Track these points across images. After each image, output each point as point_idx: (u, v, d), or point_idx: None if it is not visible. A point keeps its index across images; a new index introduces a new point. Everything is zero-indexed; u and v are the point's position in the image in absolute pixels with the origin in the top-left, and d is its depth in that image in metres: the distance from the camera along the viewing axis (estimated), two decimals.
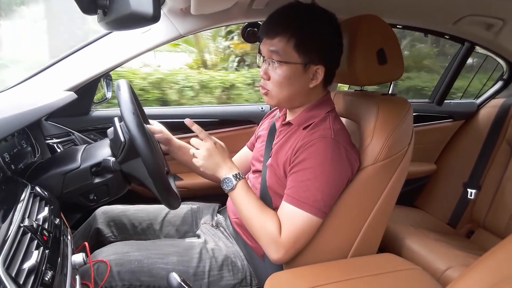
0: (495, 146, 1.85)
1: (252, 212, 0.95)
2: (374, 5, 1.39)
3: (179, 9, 1.26)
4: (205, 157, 0.98)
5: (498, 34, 1.57)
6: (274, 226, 0.92)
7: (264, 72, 0.99)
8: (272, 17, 0.98)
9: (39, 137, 1.30)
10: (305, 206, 0.90)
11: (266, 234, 0.92)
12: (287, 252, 0.92)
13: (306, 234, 0.93)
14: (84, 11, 0.66)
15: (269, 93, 1.00)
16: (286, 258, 0.94)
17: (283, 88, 0.97)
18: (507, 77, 1.98)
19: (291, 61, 0.94)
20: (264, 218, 0.94)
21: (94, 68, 1.34)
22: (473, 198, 1.83)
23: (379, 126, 1.02)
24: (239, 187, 0.97)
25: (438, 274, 1.32)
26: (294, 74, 0.96)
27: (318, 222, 0.93)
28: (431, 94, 2.15)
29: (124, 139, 0.98)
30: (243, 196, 0.97)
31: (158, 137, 1.21)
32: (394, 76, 1.13)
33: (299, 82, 0.97)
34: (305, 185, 0.91)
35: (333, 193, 0.94)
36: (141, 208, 1.27)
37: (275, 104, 1.05)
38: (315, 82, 0.98)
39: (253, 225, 0.95)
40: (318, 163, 0.91)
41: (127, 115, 0.91)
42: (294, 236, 0.91)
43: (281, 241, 0.91)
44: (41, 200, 0.86)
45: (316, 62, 0.96)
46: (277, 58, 0.95)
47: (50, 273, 0.67)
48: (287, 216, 0.92)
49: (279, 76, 0.96)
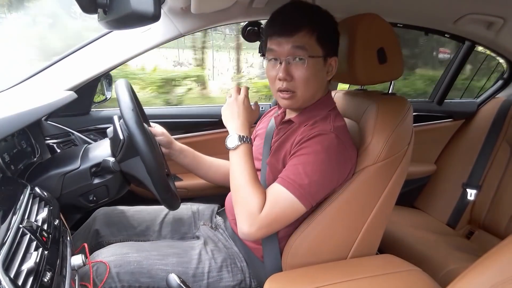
0: (495, 146, 1.85)
1: (243, 180, 0.91)
2: (374, 4, 1.39)
3: (179, 8, 1.26)
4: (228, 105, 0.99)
5: (499, 32, 1.57)
6: (257, 202, 0.88)
7: (287, 73, 0.94)
8: (286, 14, 0.95)
9: (39, 138, 1.30)
10: (291, 187, 0.88)
11: (246, 205, 0.89)
12: (259, 229, 0.88)
13: (286, 217, 0.90)
14: (85, 10, 0.66)
15: (293, 95, 0.97)
16: (257, 234, 0.89)
17: (310, 85, 0.96)
18: (507, 76, 1.97)
19: (316, 55, 0.94)
20: (251, 190, 0.90)
21: (94, 68, 1.34)
22: (473, 198, 1.83)
23: (379, 125, 1.01)
24: (241, 149, 0.93)
25: (438, 275, 1.32)
26: (318, 69, 0.96)
27: (301, 208, 0.90)
28: (431, 94, 2.15)
29: (123, 137, 0.98)
30: (240, 161, 0.93)
31: (159, 140, 1.21)
32: (394, 76, 1.13)
33: (321, 76, 0.98)
34: (295, 168, 0.90)
35: (323, 182, 0.91)
36: (141, 209, 1.27)
37: (297, 107, 1.01)
38: (331, 74, 1.00)
39: (238, 193, 0.92)
40: (312, 151, 0.90)
41: (125, 111, 0.91)
42: (273, 215, 0.88)
43: (259, 216, 0.87)
44: (41, 200, 0.86)
45: (332, 54, 0.98)
46: (303, 53, 0.92)
47: (49, 274, 0.67)
48: (272, 194, 0.90)
49: (306, 72, 0.93)
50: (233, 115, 0.97)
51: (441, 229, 1.82)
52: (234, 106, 0.97)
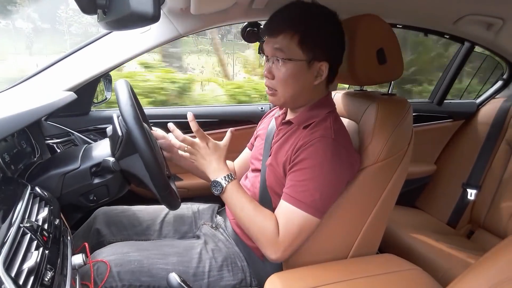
0: (494, 146, 1.85)
1: (248, 214, 0.95)
2: (374, 4, 1.39)
3: (179, 9, 1.26)
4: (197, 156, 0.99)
5: (498, 33, 1.57)
6: (271, 227, 0.91)
7: (268, 71, 0.98)
8: (274, 16, 0.98)
9: (39, 138, 1.30)
10: (303, 205, 0.90)
11: (263, 235, 0.92)
12: (285, 251, 0.92)
13: (304, 233, 0.93)
14: (84, 11, 0.66)
15: (275, 93, 0.99)
16: (284, 257, 0.93)
17: (288, 86, 0.97)
18: (507, 76, 1.98)
19: (295, 58, 0.94)
20: (260, 218, 0.93)
21: (94, 68, 1.34)
22: (473, 198, 1.83)
23: (379, 126, 1.02)
24: (231, 188, 0.96)
25: (438, 275, 1.32)
26: (299, 72, 0.96)
27: (316, 222, 0.93)
28: (430, 94, 2.15)
29: (121, 133, 0.98)
30: (236, 198, 0.96)
31: (160, 143, 1.20)
32: (394, 76, 1.13)
33: (304, 80, 0.97)
34: (303, 184, 0.91)
35: (331, 193, 0.94)
36: (141, 208, 1.27)
37: (281, 104, 1.04)
38: (320, 79, 0.98)
39: (250, 227, 0.95)
40: (317, 163, 0.90)
41: (124, 107, 0.91)
42: (292, 235, 0.91)
43: (279, 240, 0.91)
44: (41, 200, 0.86)
45: (320, 59, 0.96)
46: (282, 55, 0.95)
47: (50, 273, 0.67)
48: (285, 215, 0.92)
49: (284, 74, 0.96)
50: (211, 162, 0.99)
51: (441, 228, 1.82)
52: (213, 155, 0.98)
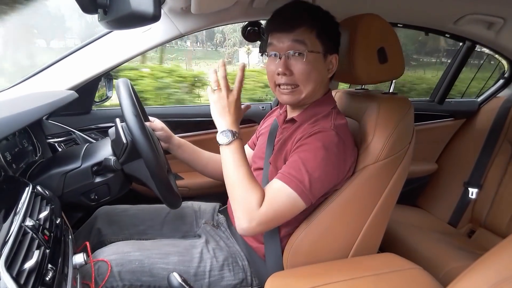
0: (496, 145, 1.84)
1: (239, 176, 0.90)
2: (375, 4, 1.39)
3: (179, 8, 1.26)
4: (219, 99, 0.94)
5: (499, 32, 1.57)
6: (255, 197, 0.87)
7: (286, 68, 0.95)
8: (287, 11, 0.97)
9: (40, 136, 1.30)
10: (292, 183, 0.88)
11: (245, 200, 0.88)
12: (259, 224, 0.87)
13: (285, 213, 0.89)
14: (85, 11, 0.66)
15: (296, 89, 0.98)
16: (256, 229, 0.88)
17: (310, 80, 0.97)
18: (508, 75, 1.97)
19: (316, 51, 0.95)
20: (248, 186, 0.89)
21: (95, 67, 1.34)
22: (474, 197, 1.83)
23: (380, 125, 1.02)
24: (235, 145, 0.92)
25: (439, 274, 1.32)
26: (319, 64, 0.97)
27: (301, 204, 0.89)
28: (432, 93, 2.15)
29: (126, 141, 0.98)
30: (234, 156, 0.92)
31: (158, 135, 1.21)
32: (395, 75, 1.13)
33: (322, 72, 0.99)
34: (296, 164, 0.90)
35: (322, 179, 0.90)
36: (142, 207, 1.27)
37: (299, 101, 1.00)
38: (332, 71, 1.01)
39: (235, 189, 0.90)
40: (313, 147, 0.90)
41: (129, 117, 0.91)
42: (273, 210, 0.87)
43: (258, 212, 0.86)
44: (42, 199, 0.86)
45: (332, 51, 0.99)
46: (303, 48, 0.94)
47: (51, 272, 0.67)
48: (272, 189, 0.90)
49: (307, 67, 0.95)
50: (224, 110, 0.94)
51: (442, 228, 1.82)
52: (224, 101, 0.94)
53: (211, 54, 4.54)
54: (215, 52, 6.15)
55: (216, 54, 4.99)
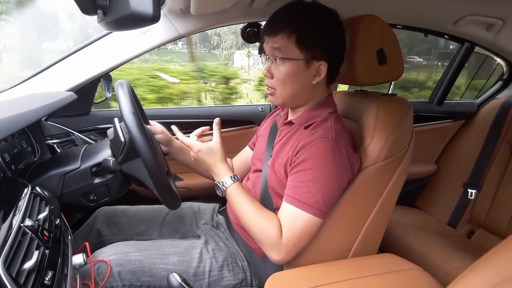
0: (495, 146, 1.85)
1: (250, 215, 0.95)
2: (374, 5, 1.39)
3: (179, 9, 1.26)
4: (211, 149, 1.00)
5: (498, 34, 1.57)
6: (274, 229, 0.91)
7: (268, 70, 0.99)
8: (274, 16, 0.99)
9: (39, 137, 1.30)
10: (306, 207, 0.90)
11: (266, 237, 0.92)
12: (288, 252, 0.92)
13: (307, 234, 0.93)
14: (84, 11, 0.66)
15: (274, 92, 1.00)
16: (287, 258, 0.93)
17: (286, 86, 0.98)
18: (507, 77, 1.98)
19: (293, 58, 0.95)
20: (263, 220, 0.93)
21: (94, 69, 1.34)
22: (473, 198, 1.84)
23: (379, 126, 1.02)
24: (236, 187, 0.97)
25: (439, 274, 1.32)
26: (297, 71, 0.96)
27: (319, 222, 0.93)
28: (431, 94, 2.15)
29: (124, 140, 0.98)
30: (240, 197, 0.96)
31: (159, 138, 1.21)
32: (394, 76, 1.13)
33: (302, 79, 0.98)
34: (305, 185, 0.91)
35: (333, 193, 0.94)
36: (141, 208, 1.27)
37: (280, 104, 1.04)
38: (318, 78, 0.99)
39: (252, 228, 0.95)
40: (319, 163, 0.90)
41: (127, 115, 0.91)
42: (295, 237, 0.91)
43: (283, 242, 0.90)
44: (42, 200, 0.86)
45: (319, 58, 0.96)
46: (280, 55, 0.95)
47: (50, 273, 0.67)
48: (288, 217, 0.92)
49: (282, 73, 0.97)
50: (217, 160, 0.99)
51: (441, 228, 1.82)
52: (217, 150, 1.00)
53: (205, 57, 4.55)
54: (209, 55, 6.16)
55: (210, 57, 4.97)
